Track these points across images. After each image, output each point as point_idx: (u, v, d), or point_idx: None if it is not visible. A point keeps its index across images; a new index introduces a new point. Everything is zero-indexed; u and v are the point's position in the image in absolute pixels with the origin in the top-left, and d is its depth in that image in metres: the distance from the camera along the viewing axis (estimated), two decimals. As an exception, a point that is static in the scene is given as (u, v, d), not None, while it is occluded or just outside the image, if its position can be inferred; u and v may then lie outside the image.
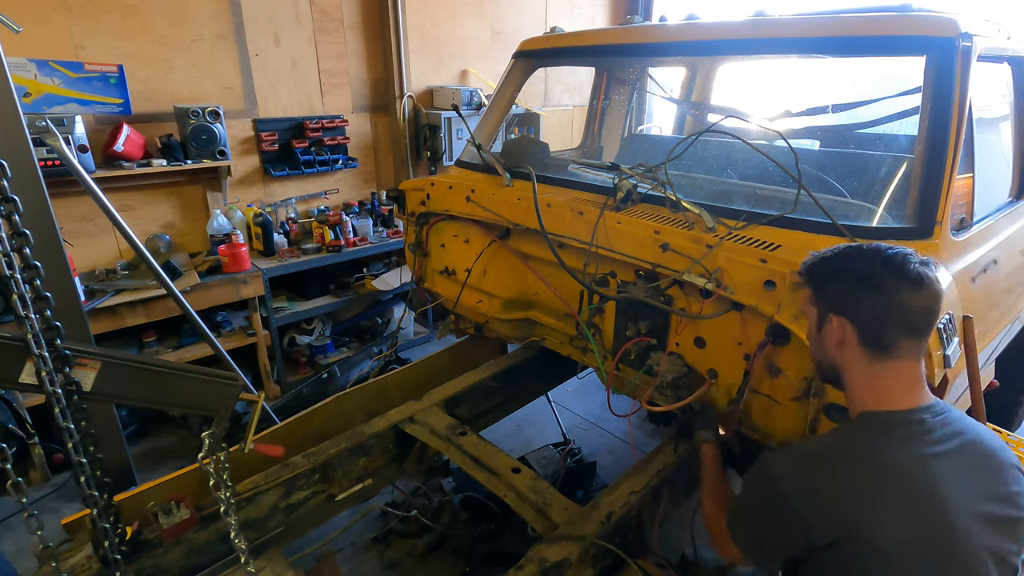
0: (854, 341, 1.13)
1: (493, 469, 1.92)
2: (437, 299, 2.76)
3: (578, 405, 3.51)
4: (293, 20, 3.59)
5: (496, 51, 4.59)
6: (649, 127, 3.74)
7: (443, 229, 2.54)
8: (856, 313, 1.12)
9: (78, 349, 1.24)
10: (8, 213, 1.15)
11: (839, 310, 1.15)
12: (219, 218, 3.44)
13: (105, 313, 2.84)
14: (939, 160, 1.54)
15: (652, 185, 1.89)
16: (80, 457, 1.29)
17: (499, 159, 2.36)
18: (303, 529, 1.99)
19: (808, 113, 2.55)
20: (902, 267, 1.08)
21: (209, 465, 1.34)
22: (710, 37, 2.13)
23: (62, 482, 2.83)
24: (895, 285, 1.08)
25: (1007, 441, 2.31)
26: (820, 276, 1.21)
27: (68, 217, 3.04)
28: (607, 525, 1.63)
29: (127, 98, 3.04)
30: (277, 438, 2.10)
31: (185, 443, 3.17)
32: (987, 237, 1.86)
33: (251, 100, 3.55)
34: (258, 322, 3.39)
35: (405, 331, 4.13)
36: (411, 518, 2.47)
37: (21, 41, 2.58)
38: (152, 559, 1.61)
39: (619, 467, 2.96)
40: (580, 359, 2.26)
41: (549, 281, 2.16)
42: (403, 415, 2.18)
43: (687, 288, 1.72)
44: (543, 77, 4.93)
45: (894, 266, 1.09)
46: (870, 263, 1.12)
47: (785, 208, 1.66)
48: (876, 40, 1.74)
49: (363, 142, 4.16)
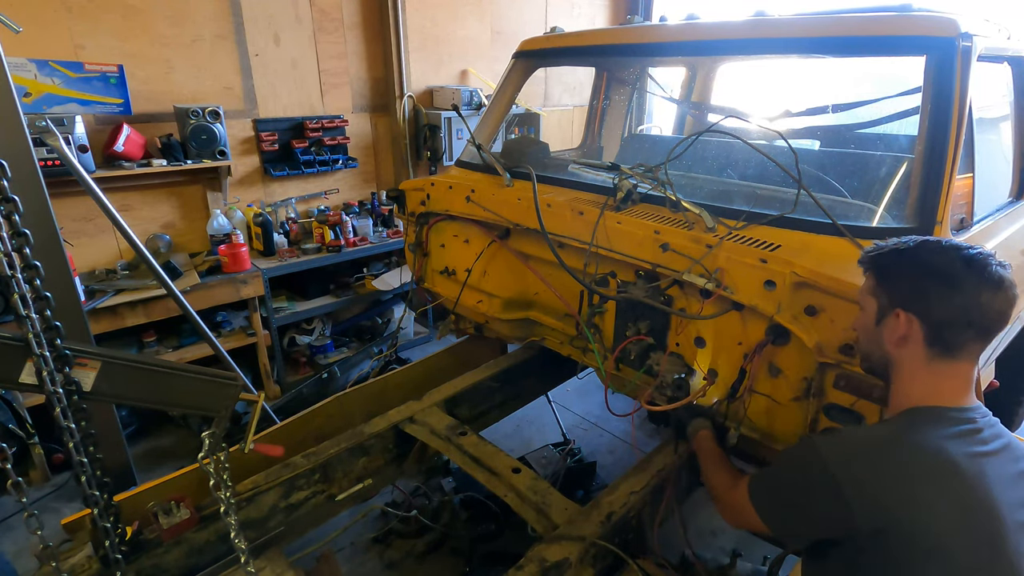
0: (919, 339, 1.09)
1: (493, 469, 1.92)
2: (437, 299, 2.77)
3: (578, 405, 3.51)
4: (293, 20, 3.59)
5: (496, 51, 4.59)
6: (649, 127, 3.74)
7: (443, 229, 2.54)
8: (928, 312, 1.08)
9: (78, 349, 1.24)
10: (8, 213, 1.15)
11: (909, 306, 1.10)
12: (219, 218, 3.44)
13: (105, 313, 2.84)
14: (939, 160, 1.54)
15: (652, 185, 1.89)
16: (80, 457, 1.29)
17: (499, 159, 2.36)
18: (303, 529, 1.99)
19: (808, 113, 2.55)
20: (984, 268, 1.05)
21: (209, 465, 1.34)
22: (710, 37, 2.13)
23: (62, 482, 2.83)
24: (976, 286, 1.04)
25: None
26: (890, 268, 1.15)
27: (68, 217, 3.04)
28: (607, 525, 1.63)
29: (127, 98, 3.04)
30: (277, 438, 2.11)
31: (185, 443, 3.17)
32: (987, 237, 1.85)
33: (251, 100, 3.55)
34: (258, 322, 3.39)
35: (405, 331, 4.13)
36: (411, 518, 2.47)
37: (21, 41, 2.58)
38: (152, 559, 1.61)
39: (619, 467, 2.96)
40: (580, 359, 2.26)
41: (549, 281, 2.16)
42: (403, 415, 2.18)
43: (687, 288, 1.72)
44: (543, 77, 4.93)
45: (976, 266, 1.05)
46: (950, 261, 1.07)
47: (785, 208, 1.66)
48: (876, 40, 1.74)
49: (363, 142, 4.16)
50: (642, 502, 1.74)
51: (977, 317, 1.05)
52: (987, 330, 1.07)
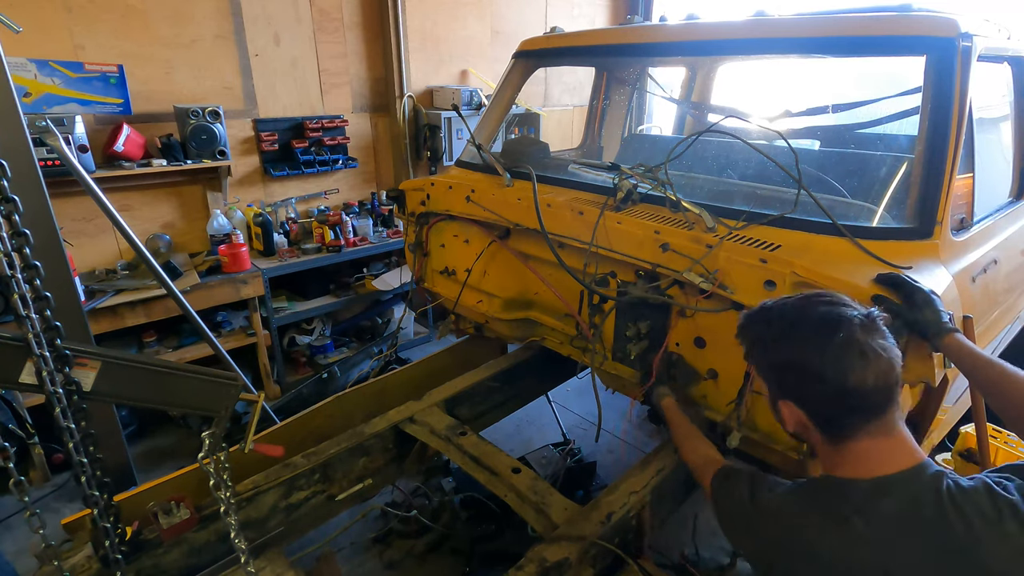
0: (810, 424, 1.03)
1: (493, 469, 1.92)
2: (437, 299, 2.77)
3: (578, 405, 3.51)
4: (293, 20, 3.59)
5: (496, 51, 4.59)
6: (649, 127, 3.74)
7: (443, 229, 2.54)
8: (805, 403, 1.02)
9: (78, 349, 1.24)
10: (8, 213, 1.15)
11: (787, 396, 1.05)
12: (219, 218, 3.44)
13: (105, 313, 2.84)
14: (939, 160, 1.54)
15: (652, 185, 1.89)
16: (80, 457, 1.29)
17: (499, 159, 2.36)
18: (303, 529, 1.99)
19: (808, 113, 2.55)
20: (841, 347, 0.95)
21: (209, 465, 1.33)
22: (710, 37, 2.13)
23: (62, 482, 2.83)
24: (838, 371, 0.95)
25: (993, 434, 2.32)
26: (758, 355, 1.10)
27: (68, 217, 3.04)
28: (607, 525, 1.63)
29: (127, 98, 3.04)
30: (277, 438, 2.10)
31: (185, 443, 3.17)
32: (987, 237, 1.86)
33: (251, 100, 3.55)
34: (258, 322, 3.39)
35: (405, 331, 4.13)
36: (411, 518, 2.47)
37: (21, 41, 2.58)
38: (152, 559, 1.60)
39: (619, 467, 2.96)
40: (580, 359, 2.26)
41: (549, 281, 2.16)
42: (403, 415, 2.18)
43: (687, 288, 1.72)
44: (543, 77, 4.93)
45: (832, 348, 0.95)
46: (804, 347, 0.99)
47: (785, 208, 1.66)
48: (876, 40, 1.74)
49: (363, 142, 4.16)
50: (642, 502, 1.74)
51: (856, 401, 0.96)
52: (874, 408, 0.97)
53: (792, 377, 1.02)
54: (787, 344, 1.02)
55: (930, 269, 1.49)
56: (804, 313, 1.02)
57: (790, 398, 1.04)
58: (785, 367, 1.03)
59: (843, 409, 0.98)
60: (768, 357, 1.07)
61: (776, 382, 1.07)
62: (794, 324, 1.02)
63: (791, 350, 1.01)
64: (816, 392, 0.99)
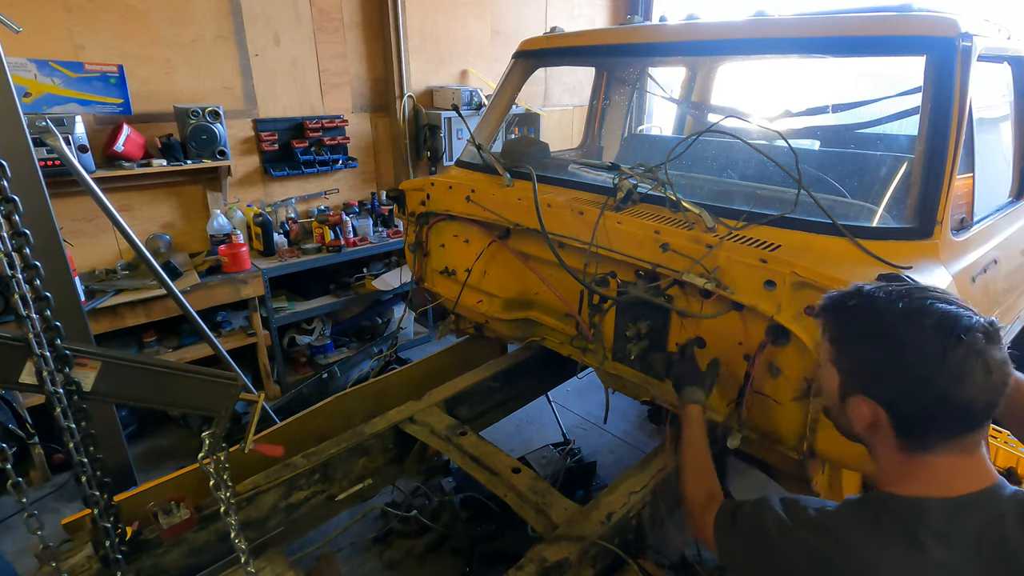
0: (888, 427, 0.91)
1: (493, 469, 1.92)
2: (437, 299, 2.76)
3: (578, 405, 3.51)
4: (293, 20, 3.59)
5: (496, 51, 4.59)
6: (649, 127, 3.74)
7: (443, 229, 2.54)
8: (894, 405, 0.89)
9: (78, 349, 1.24)
10: (8, 213, 1.15)
11: (870, 393, 0.92)
12: (219, 218, 3.44)
13: (105, 313, 2.84)
14: (939, 160, 1.54)
15: (652, 185, 1.89)
16: (80, 457, 1.29)
17: (499, 159, 2.36)
18: (303, 529, 1.99)
19: (808, 113, 2.55)
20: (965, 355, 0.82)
21: (209, 465, 1.33)
22: (710, 37, 2.13)
23: (62, 482, 2.83)
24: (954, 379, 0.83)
25: (993, 435, 2.32)
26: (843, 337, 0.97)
27: (68, 217, 3.04)
28: (607, 525, 1.63)
29: (127, 98, 3.04)
30: (277, 438, 2.10)
31: (185, 443, 3.17)
32: (987, 237, 1.86)
33: (251, 100, 3.55)
34: (258, 322, 3.39)
35: (405, 331, 4.13)
36: (411, 518, 2.47)
37: (21, 41, 2.58)
38: (152, 559, 1.61)
39: (619, 467, 2.96)
40: (580, 359, 2.26)
41: (549, 281, 2.15)
42: (403, 415, 2.18)
43: (687, 288, 1.72)
44: (543, 77, 4.93)
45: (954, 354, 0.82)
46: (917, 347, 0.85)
47: (785, 208, 1.66)
48: (876, 40, 1.74)
49: (363, 142, 4.16)
50: (642, 502, 1.74)
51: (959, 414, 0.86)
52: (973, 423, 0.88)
53: (888, 376, 0.89)
54: (892, 341, 0.89)
55: (930, 269, 1.49)
56: (919, 309, 0.88)
57: (874, 397, 0.91)
58: (882, 364, 0.90)
59: (940, 420, 0.87)
60: (861, 350, 0.94)
61: (861, 376, 0.94)
62: (907, 319, 0.88)
63: (897, 348, 0.88)
64: (914, 397, 0.87)
